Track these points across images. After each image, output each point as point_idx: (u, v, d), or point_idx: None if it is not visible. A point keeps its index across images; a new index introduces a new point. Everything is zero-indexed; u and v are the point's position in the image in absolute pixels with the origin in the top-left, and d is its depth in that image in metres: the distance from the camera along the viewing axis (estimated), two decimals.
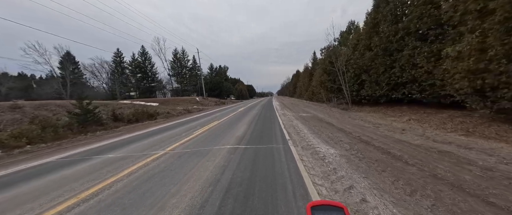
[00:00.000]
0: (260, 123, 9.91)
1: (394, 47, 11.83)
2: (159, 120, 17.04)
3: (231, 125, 9.88)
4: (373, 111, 13.06)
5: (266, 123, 9.67)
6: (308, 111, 13.88)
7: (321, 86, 20.36)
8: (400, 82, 11.60)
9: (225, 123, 10.78)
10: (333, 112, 13.30)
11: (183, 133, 8.22)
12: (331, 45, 19.89)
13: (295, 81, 56.99)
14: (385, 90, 12.52)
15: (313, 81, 29.19)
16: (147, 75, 56.10)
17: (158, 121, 15.81)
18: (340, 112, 13.42)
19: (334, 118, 10.52)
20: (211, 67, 79.00)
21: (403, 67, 11.24)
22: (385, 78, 12.35)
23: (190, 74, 58.38)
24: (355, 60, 14.98)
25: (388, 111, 12.07)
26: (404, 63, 11.01)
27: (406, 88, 11.39)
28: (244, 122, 10.70)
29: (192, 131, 8.55)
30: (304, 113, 12.81)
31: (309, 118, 10.81)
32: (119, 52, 56.77)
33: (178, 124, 11.75)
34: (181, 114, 21.86)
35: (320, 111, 13.89)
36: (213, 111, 22.16)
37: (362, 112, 13.25)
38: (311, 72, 36.41)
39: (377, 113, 12.11)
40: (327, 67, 19.37)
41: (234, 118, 12.60)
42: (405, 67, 11.01)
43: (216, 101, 43.41)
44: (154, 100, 40.95)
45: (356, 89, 15.48)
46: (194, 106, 36.61)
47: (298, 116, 11.72)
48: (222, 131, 8.29)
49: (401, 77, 11.46)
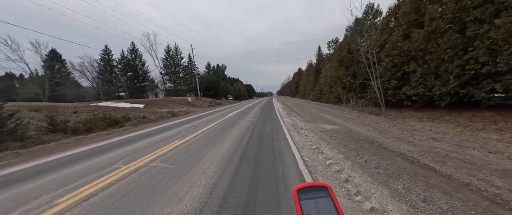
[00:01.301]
0: (252, 149, 5.17)
1: (473, 15, 7.16)
2: (126, 127, 12.56)
3: (202, 148, 5.19)
4: (428, 118, 8.42)
5: (265, 156, 4.71)
6: (328, 119, 9.18)
7: (336, 83, 15.68)
8: (485, 72, 6.93)
9: (196, 141, 6.09)
10: (365, 120, 8.64)
11: (113, 164, 3.56)
12: (348, 30, 15.20)
13: (297, 79, 52.32)
14: (452, 86, 7.83)
15: (321, 78, 24.53)
16: (137, 74, 51.40)
17: (126, 129, 11.30)
18: (377, 120, 8.72)
19: (392, 137, 5.83)
20: (208, 65, 74.40)
21: (494, 47, 6.57)
22: (455, 68, 7.66)
23: (185, 72, 53.67)
24: (394, 44, 10.29)
25: (461, 119, 7.43)
26: (499, 38, 6.32)
27: (495, 81, 6.73)
28: (229, 139, 6.01)
29: (131, 160, 3.89)
30: (327, 124, 8.15)
31: (346, 137, 6.16)
32: (108, 49, 52.08)
33: (134, 139, 7.12)
34: (161, 119, 17.24)
35: (346, 119, 9.21)
36: (201, 114, 17.59)
37: (409, 119, 8.61)
38: (316, 69, 31.76)
39: (441, 123, 7.50)
40: (344, 59, 14.72)
41: (217, 130, 7.95)
42: (501, 46, 6.33)
43: (210, 101, 38.74)
44: (141, 101, 36.29)
45: (393, 86, 10.81)
46: (184, 107, 32.00)
47: (323, 132, 6.88)
48: (179, 166, 3.62)
49: (488, 65, 6.79)
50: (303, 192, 0.56)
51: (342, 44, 16.02)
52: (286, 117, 10.54)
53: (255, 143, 5.44)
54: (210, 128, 8.63)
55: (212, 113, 17.49)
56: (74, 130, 11.23)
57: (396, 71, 10.58)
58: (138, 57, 51.21)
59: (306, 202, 0.54)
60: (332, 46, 29.99)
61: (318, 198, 0.55)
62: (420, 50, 9.08)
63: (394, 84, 10.72)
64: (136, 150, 5.45)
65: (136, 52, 50.92)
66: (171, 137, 7.13)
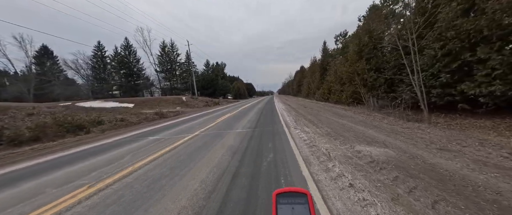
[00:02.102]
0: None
1: None
2: (91, 135, 9.65)
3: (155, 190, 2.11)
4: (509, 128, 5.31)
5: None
6: (360, 133, 5.95)
7: (353, 79, 12.52)
8: None
9: (121, 189, 2.99)
10: (417, 132, 5.48)
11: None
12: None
13: (300, 78, 49.09)
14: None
15: (328, 75, 21.37)
16: (132, 71, 48.35)
17: (90, 137, 8.44)
18: (434, 132, 5.52)
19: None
20: (207, 63, 71.29)
21: None
22: None
23: (181, 70, 50.54)
24: (448, 23, 7.11)
25: None
26: None
27: None
28: (190, 183, 2.92)
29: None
30: (365, 144, 5.01)
31: (437, 188, 3.16)
32: (101, 45, 49.06)
33: (83, 156, 4.04)
34: (145, 122, 14.38)
35: (388, 131, 6.04)
36: (190, 117, 14.69)
37: (473, 130, 5.51)
38: (322, 65, 28.57)
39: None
40: (363, 49, 11.58)
41: (189, 150, 4.83)
42: None
43: (207, 101, 35.69)
44: (132, 100, 33.26)
45: (442, 83, 7.67)
46: (177, 107, 28.99)
47: (373, 168, 3.77)
48: None
49: None
50: (282, 197, 0.56)
51: (361, 30, 12.87)
52: (294, 126, 7.41)
53: (242, 199, 2.37)
54: (180, 144, 5.54)
55: (203, 116, 14.45)
56: (12, 140, 8.22)
57: (450, 61, 7.41)
58: (132, 53, 48.15)
59: (282, 207, 0.54)
60: (340, 40, 26.77)
61: (296, 204, 0.55)
62: (498, 26, 5.92)
63: (444, 79, 7.56)
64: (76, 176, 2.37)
65: (130, 48, 47.86)
66: (148, 150, 4.05)
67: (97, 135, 9.95)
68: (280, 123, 8.24)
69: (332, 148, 4.32)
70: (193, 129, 8.17)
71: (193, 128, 8.44)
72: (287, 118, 9.50)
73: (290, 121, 8.45)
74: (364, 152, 3.93)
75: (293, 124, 7.79)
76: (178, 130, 8.30)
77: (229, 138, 5.85)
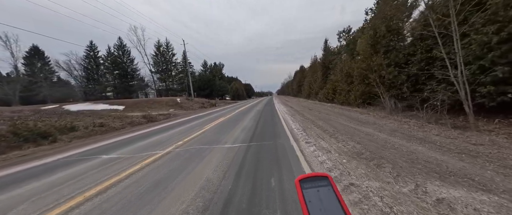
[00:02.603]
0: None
1: None
2: (53, 147, 7.68)
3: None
4: None
5: None
6: (437, 164, 4.03)
7: (366, 77, 10.59)
8: None
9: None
10: (490, 149, 3.60)
11: None
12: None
13: (300, 78, 47.22)
14: None
15: (333, 74, 19.50)
16: (126, 72, 46.25)
17: (51, 148, 6.35)
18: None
19: None
20: (205, 64, 69.36)
21: None
22: None
23: (177, 70, 48.47)
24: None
25: None
26: None
27: None
28: None
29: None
30: (447, 184, 3.19)
31: None
32: (93, 45, 46.92)
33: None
34: (128, 127, 12.48)
35: (450, 151, 4.17)
36: (179, 121, 12.85)
37: None
38: (324, 64, 26.70)
39: None
40: (379, 41, 9.67)
41: (146, 183, 2.88)
42: None
43: (203, 102, 33.70)
44: (122, 102, 31.27)
45: (495, 80, 5.77)
46: (170, 109, 27.00)
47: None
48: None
49: None
50: (305, 182, 0.57)
51: (376, 18, 10.95)
52: (304, 138, 5.34)
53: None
54: (133, 173, 3.58)
55: (193, 120, 12.52)
56: None
57: (508, 50, 5.50)
58: (126, 53, 46.09)
59: (308, 191, 0.55)
60: (343, 37, 24.91)
61: (320, 187, 0.55)
62: None
63: (500, 74, 5.66)
64: None
65: (123, 48, 45.78)
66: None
67: (62, 145, 8.02)
68: (285, 133, 6.26)
69: (385, 191, 2.38)
70: (170, 141, 6.20)
71: (172, 139, 6.47)
72: (292, 125, 7.54)
73: (297, 131, 6.49)
74: (460, 209, 1.99)
75: (302, 135, 5.83)
76: (152, 142, 6.32)
77: (210, 164, 3.88)
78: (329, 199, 0.52)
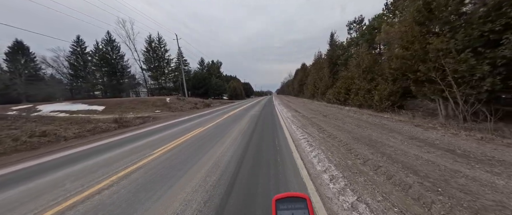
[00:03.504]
0: None
1: None
2: None
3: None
4: None
5: None
6: None
7: (419, 68, 7.06)
8: None
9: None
10: None
11: None
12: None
13: (301, 76, 43.70)
14: None
15: (348, 70, 16.01)
16: (115, 69, 42.62)
17: None
18: None
19: None
20: (202, 62, 65.79)
21: None
22: None
23: (170, 68, 44.77)
24: None
25: None
26: None
27: None
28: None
29: None
30: None
31: None
32: (80, 41, 43.22)
33: None
34: (85, 136, 9.34)
35: None
36: (156, 127, 9.58)
37: None
38: (330, 60, 23.19)
39: None
40: (438, 13, 6.18)
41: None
42: None
43: (196, 102, 30.15)
44: (104, 101, 27.69)
45: None
46: (157, 111, 23.48)
47: None
48: None
49: None
50: (282, 203, 0.55)
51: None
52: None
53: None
54: None
55: (172, 127, 9.14)
56: None
57: None
58: (115, 49, 42.43)
59: (282, 213, 0.54)
60: (354, 28, 21.39)
61: (295, 209, 0.54)
62: None
63: None
64: None
65: (112, 43, 42.12)
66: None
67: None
68: (302, 180, 2.86)
69: None
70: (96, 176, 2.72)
71: (89, 176, 3.02)
72: (311, 155, 4.02)
73: (328, 179, 3.04)
74: None
75: (351, 199, 2.42)
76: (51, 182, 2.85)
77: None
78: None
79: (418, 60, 6.94)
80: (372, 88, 12.24)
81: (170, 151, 4.95)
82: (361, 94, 13.12)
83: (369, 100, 12.25)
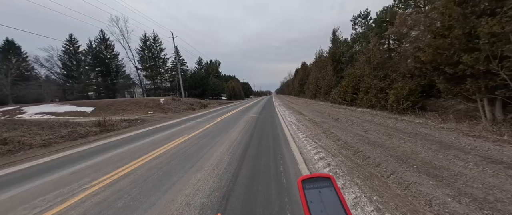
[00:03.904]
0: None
1: None
2: None
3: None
4: None
5: None
6: None
7: (468, 57, 5.49)
8: None
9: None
10: None
11: None
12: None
13: (302, 76, 42.13)
14: None
15: (356, 68, 14.46)
16: (109, 68, 40.97)
17: None
18: None
19: None
20: (200, 61, 64.19)
21: None
22: None
23: (166, 67, 43.12)
24: None
25: None
26: None
27: None
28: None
29: None
30: None
31: None
32: (73, 39, 41.55)
33: None
34: (58, 143, 7.86)
35: None
36: (141, 131, 8.20)
37: None
38: (333, 57, 21.63)
39: None
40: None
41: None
42: None
43: (192, 103, 28.55)
44: (93, 103, 26.06)
45: None
46: (149, 112, 21.90)
47: None
48: None
49: None
50: (307, 182, 0.56)
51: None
52: None
53: None
54: None
55: (159, 131, 7.64)
56: None
57: None
58: (109, 48, 40.78)
59: (310, 192, 0.54)
60: (360, 23, 19.83)
61: (322, 188, 0.54)
62: None
63: None
64: None
65: (106, 41, 40.47)
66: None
67: None
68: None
69: None
70: None
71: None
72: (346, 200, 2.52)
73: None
74: None
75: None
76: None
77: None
78: (331, 201, 0.51)
79: (459, 50, 5.40)
80: (385, 86, 10.70)
81: (120, 180, 3.38)
82: (372, 93, 11.57)
83: (382, 100, 10.70)
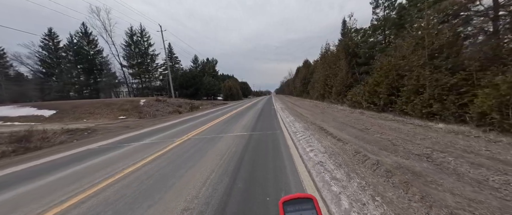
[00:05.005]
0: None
1: None
2: None
3: None
4: None
5: None
6: None
7: None
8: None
9: None
10: None
11: None
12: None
13: (305, 74, 37.95)
14: None
15: (397, 57, 10.22)
16: (92, 65, 36.60)
17: None
18: None
19: None
20: (195, 59, 59.84)
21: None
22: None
23: (153, 64, 38.70)
24: None
25: None
26: None
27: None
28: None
29: None
30: None
31: None
32: (53, 34, 37.15)
33: None
34: None
35: None
36: (28, 166, 3.16)
37: None
38: (346, 51, 17.38)
39: None
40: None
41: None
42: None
43: (180, 104, 24.24)
44: (57, 104, 21.47)
45: None
46: (121, 117, 17.56)
47: None
48: None
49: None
50: (289, 205, 0.55)
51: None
52: None
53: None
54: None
55: (84, 160, 3.20)
56: None
57: None
58: (92, 43, 36.43)
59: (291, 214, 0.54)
60: (382, 5, 15.60)
61: (303, 210, 0.53)
62: None
63: None
64: None
65: (88, 36, 36.12)
66: None
67: None
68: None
69: None
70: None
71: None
72: None
73: None
74: None
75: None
76: None
77: None
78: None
79: None
80: (460, 83, 6.47)
81: None
82: (429, 93, 7.35)
83: (453, 106, 6.49)
